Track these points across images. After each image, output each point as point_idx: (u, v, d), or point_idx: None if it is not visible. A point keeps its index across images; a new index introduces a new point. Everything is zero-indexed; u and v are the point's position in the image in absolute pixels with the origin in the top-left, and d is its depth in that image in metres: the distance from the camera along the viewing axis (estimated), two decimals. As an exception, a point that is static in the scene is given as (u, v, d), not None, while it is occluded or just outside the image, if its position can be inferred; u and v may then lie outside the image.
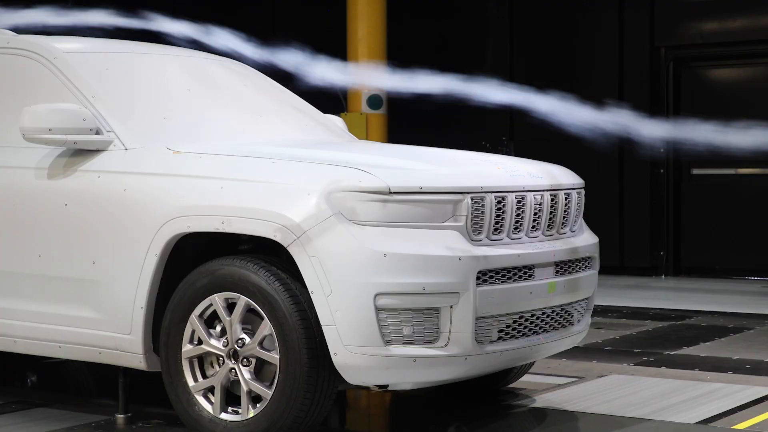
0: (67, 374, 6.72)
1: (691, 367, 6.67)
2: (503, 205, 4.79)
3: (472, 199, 4.66)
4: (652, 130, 12.33)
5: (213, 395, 4.75)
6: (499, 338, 4.74)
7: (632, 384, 6.12)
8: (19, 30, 5.99)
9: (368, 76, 10.96)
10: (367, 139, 10.82)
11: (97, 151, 5.14)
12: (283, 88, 6.45)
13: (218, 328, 4.76)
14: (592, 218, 6.00)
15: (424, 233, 4.55)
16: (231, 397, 4.75)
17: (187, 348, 4.79)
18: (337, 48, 11.83)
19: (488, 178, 4.79)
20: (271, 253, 4.77)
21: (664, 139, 12.34)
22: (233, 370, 4.70)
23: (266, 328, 4.58)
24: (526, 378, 6.07)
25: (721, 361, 6.90)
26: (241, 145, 5.24)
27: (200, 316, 4.77)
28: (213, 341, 4.75)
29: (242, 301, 4.64)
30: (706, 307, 9.59)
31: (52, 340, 5.19)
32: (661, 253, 12.35)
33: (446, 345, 4.54)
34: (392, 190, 4.53)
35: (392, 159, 4.99)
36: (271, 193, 4.62)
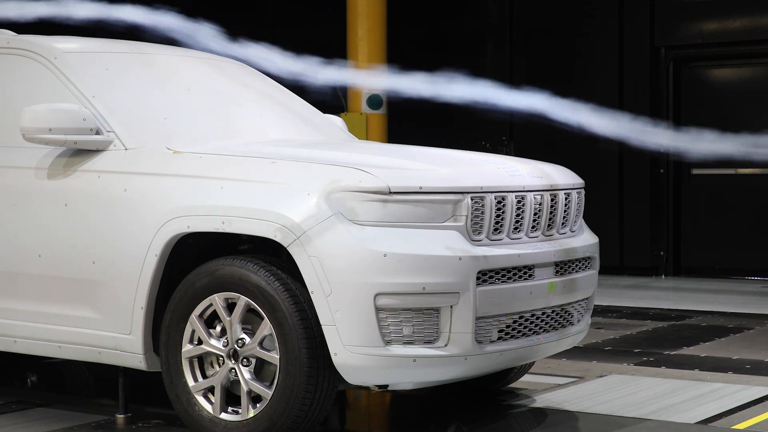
0: (67, 374, 6.72)
1: (691, 367, 6.67)
2: (503, 205, 4.79)
3: (472, 199, 4.66)
4: (652, 130, 12.33)
5: (213, 395, 4.75)
6: (499, 338, 4.74)
7: (632, 384, 6.12)
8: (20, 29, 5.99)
9: (368, 76, 10.96)
10: (367, 139, 10.82)
11: (97, 151, 5.14)
12: (283, 88, 6.45)
13: (218, 328, 4.76)
14: (592, 218, 6.01)
15: (424, 233, 4.55)
16: (231, 397, 4.75)
17: (187, 348, 4.79)
18: (336, 48, 11.84)
19: (488, 178, 4.79)
20: (271, 253, 4.77)
21: (664, 139, 12.36)
22: (233, 370, 4.70)
23: (266, 328, 4.59)
24: (526, 378, 6.07)
25: (721, 361, 6.90)
26: (241, 145, 5.24)
27: (200, 316, 4.77)
28: (213, 341, 4.75)
29: (242, 301, 4.64)
30: (706, 307, 9.59)
31: (52, 340, 5.19)
32: (661, 253, 12.35)
33: (446, 345, 4.54)
34: (392, 190, 4.53)
35: (392, 159, 4.99)
36: (271, 193, 4.62)
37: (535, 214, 4.96)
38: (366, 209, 4.51)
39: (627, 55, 12.46)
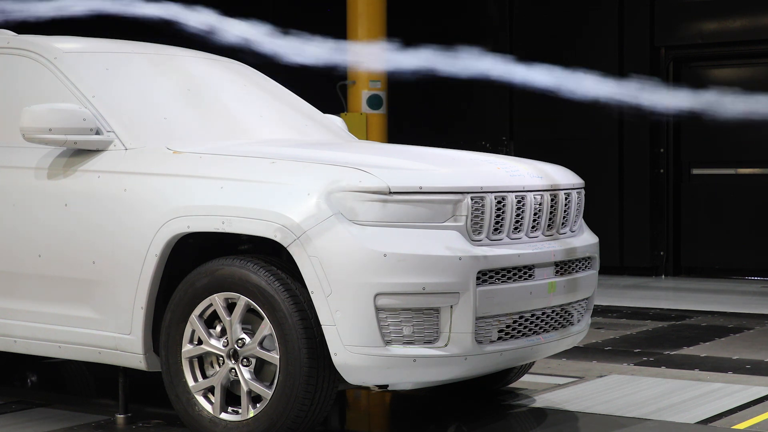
0: (67, 374, 6.72)
1: (691, 367, 6.67)
2: (503, 205, 4.79)
3: (472, 199, 4.66)
4: (651, 129, 12.34)
5: (213, 395, 4.75)
6: (499, 338, 4.74)
7: (632, 384, 6.12)
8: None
9: (370, 56, 10.95)
10: (367, 139, 10.82)
11: (97, 151, 5.14)
12: (283, 87, 6.45)
13: (218, 328, 4.76)
14: (592, 218, 6.01)
15: (424, 233, 4.55)
16: (231, 397, 4.75)
17: (187, 348, 4.79)
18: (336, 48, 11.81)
19: (488, 178, 4.79)
20: (271, 253, 4.77)
21: (663, 138, 12.37)
22: (233, 370, 4.70)
23: (266, 328, 4.58)
24: (526, 378, 6.07)
25: (721, 361, 6.90)
26: (241, 145, 5.24)
27: (200, 316, 4.77)
28: (213, 341, 4.75)
29: (242, 301, 4.64)
30: (706, 307, 9.59)
31: (52, 340, 5.19)
32: (661, 253, 12.35)
33: (446, 345, 4.54)
34: (392, 190, 4.53)
35: (392, 159, 4.99)
36: (271, 193, 4.62)
37: (535, 214, 4.96)
38: (366, 209, 4.51)
39: (627, 55, 12.45)
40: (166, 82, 5.74)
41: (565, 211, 5.18)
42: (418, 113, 13.49)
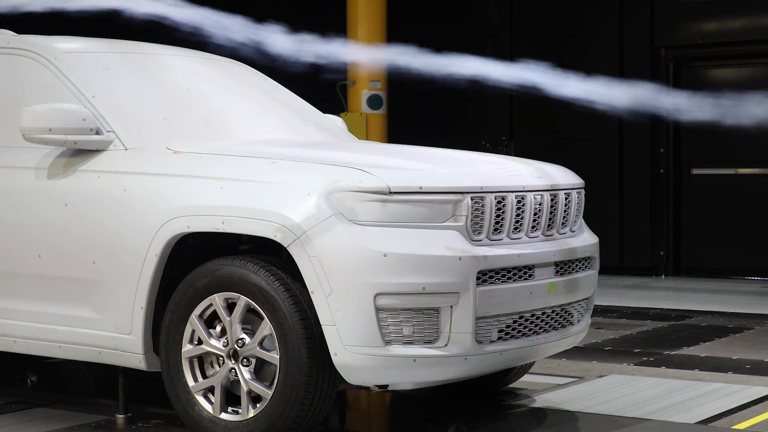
0: (67, 374, 6.72)
1: (691, 367, 6.67)
2: (503, 205, 4.79)
3: (472, 199, 4.66)
4: (651, 129, 12.34)
5: (213, 395, 4.75)
6: (499, 338, 4.74)
7: (632, 384, 6.13)
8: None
9: (369, 56, 10.95)
10: (367, 139, 10.82)
11: (97, 151, 5.14)
12: (283, 87, 6.45)
13: (218, 328, 4.76)
14: (592, 218, 6.01)
15: (424, 233, 4.55)
16: (231, 397, 4.75)
17: (187, 348, 4.79)
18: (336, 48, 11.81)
19: (488, 178, 4.79)
20: (271, 253, 4.77)
21: (663, 138, 12.37)
22: (233, 370, 4.70)
23: (266, 328, 4.59)
24: (526, 378, 6.07)
25: (721, 361, 6.90)
26: (241, 145, 5.24)
27: (200, 316, 4.77)
28: (213, 341, 4.75)
29: (242, 301, 4.64)
30: (706, 307, 9.59)
31: (52, 340, 5.19)
32: (661, 253, 12.35)
33: (446, 345, 4.54)
34: (392, 190, 4.53)
35: (392, 159, 4.99)
36: (271, 193, 4.63)
37: (535, 214, 4.96)
38: (366, 209, 4.51)
39: (627, 55, 12.46)
40: (166, 82, 5.74)
41: (565, 211, 5.18)
42: (418, 113, 13.49)
